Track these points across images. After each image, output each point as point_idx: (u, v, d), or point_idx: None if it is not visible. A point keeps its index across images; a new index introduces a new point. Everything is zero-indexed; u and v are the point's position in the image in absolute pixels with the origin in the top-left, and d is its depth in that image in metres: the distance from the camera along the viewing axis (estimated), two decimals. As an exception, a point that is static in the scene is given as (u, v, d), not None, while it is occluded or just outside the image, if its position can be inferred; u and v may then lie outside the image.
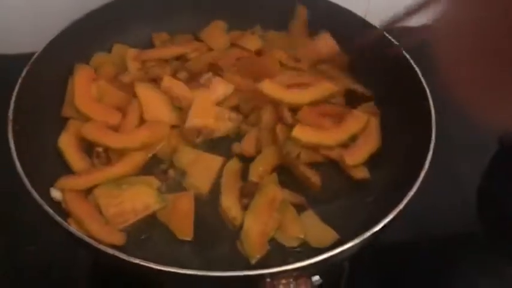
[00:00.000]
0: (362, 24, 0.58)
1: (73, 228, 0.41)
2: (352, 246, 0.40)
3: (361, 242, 0.40)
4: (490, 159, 0.60)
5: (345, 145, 0.52)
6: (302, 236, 0.46)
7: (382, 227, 0.41)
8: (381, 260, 0.51)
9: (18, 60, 0.52)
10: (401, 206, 0.42)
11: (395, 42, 0.55)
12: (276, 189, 0.48)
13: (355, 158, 0.51)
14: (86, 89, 0.53)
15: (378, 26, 0.56)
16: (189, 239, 0.45)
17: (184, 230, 0.46)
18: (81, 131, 0.50)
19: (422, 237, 0.53)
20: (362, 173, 0.51)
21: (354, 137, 0.53)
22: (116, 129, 0.51)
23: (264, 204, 0.47)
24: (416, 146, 0.49)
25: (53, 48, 0.53)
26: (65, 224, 0.41)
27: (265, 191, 0.47)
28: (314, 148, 0.51)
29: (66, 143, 0.50)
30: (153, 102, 0.52)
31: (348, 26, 0.58)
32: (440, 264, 0.52)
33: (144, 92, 0.53)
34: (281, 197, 0.47)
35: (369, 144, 0.53)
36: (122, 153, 0.49)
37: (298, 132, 0.50)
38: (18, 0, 0.62)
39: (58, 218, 0.41)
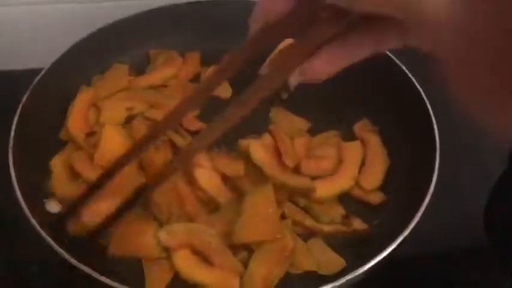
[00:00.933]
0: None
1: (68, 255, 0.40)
2: (361, 274, 0.39)
3: (369, 268, 0.40)
4: (499, 175, 0.59)
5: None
6: (315, 269, 0.45)
7: (391, 252, 0.41)
8: (385, 276, 0.50)
9: (25, 75, 0.52)
10: (410, 227, 0.42)
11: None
12: (288, 238, 0.45)
13: (372, 181, 0.50)
14: (82, 112, 0.53)
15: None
16: None
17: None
18: (68, 158, 0.49)
19: (428, 254, 0.52)
20: (378, 197, 0.50)
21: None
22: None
23: (273, 251, 0.44)
24: (420, 165, 0.48)
25: (58, 67, 0.53)
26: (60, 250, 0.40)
27: (273, 229, 0.45)
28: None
29: (58, 165, 0.49)
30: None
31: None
32: (447, 281, 0.51)
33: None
34: (293, 246, 0.45)
35: (379, 164, 0.51)
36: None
37: (320, 191, 0.48)
38: (24, 17, 0.63)
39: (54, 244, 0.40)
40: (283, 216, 0.47)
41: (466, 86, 0.26)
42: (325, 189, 0.48)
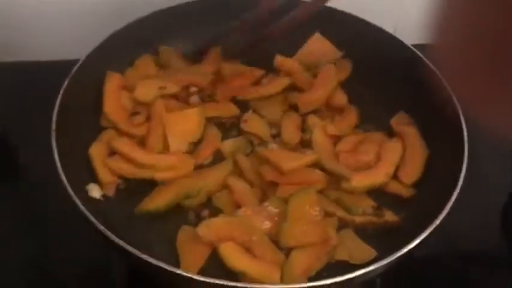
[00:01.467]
0: (391, 40, 0.58)
1: (110, 233, 0.41)
2: (389, 263, 0.40)
3: (397, 258, 0.41)
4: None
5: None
6: (346, 259, 0.46)
7: (419, 244, 0.41)
8: (409, 275, 0.51)
9: (62, 66, 0.53)
10: (437, 222, 0.43)
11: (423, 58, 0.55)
12: (333, 235, 0.46)
13: (412, 176, 0.51)
14: (115, 97, 0.54)
15: (407, 43, 0.57)
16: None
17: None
18: (112, 144, 0.51)
19: (450, 254, 0.53)
20: (410, 191, 0.51)
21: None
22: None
23: (316, 246, 0.45)
24: (449, 161, 0.49)
25: (95, 58, 0.54)
26: (101, 227, 0.41)
27: (320, 232, 0.46)
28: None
29: (97, 152, 0.51)
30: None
31: (377, 42, 0.58)
32: (467, 281, 0.52)
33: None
34: (335, 243, 0.45)
35: (418, 158, 0.52)
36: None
37: (355, 181, 0.49)
38: (61, 8, 0.64)
39: (94, 220, 0.41)
40: (327, 214, 0.48)
41: (465, 91, 0.28)
42: (358, 181, 0.50)
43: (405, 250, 0.41)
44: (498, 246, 0.55)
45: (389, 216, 0.49)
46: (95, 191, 0.48)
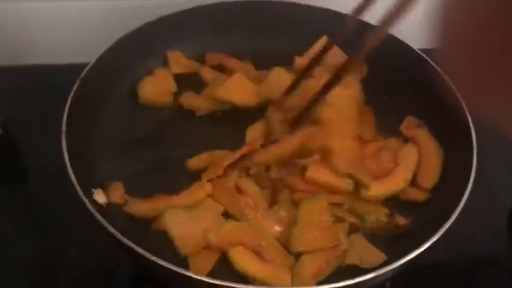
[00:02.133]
0: (398, 44, 0.58)
1: (117, 232, 0.41)
2: (398, 267, 0.40)
3: (406, 262, 0.41)
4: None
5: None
6: (357, 263, 0.46)
7: (428, 248, 0.41)
8: (418, 278, 0.51)
9: (71, 70, 0.53)
10: (447, 226, 0.43)
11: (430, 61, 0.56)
12: (343, 241, 0.46)
13: (431, 179, 0.51)
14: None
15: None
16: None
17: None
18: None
19: (458, 257, 0.53)
20: (426, 195, 0.50)
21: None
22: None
23: (326, 251, 0.45)
24: (457, 164, 0.49)
25: (104, 61, 0.54)
26: (110, 228, 0.41)
27: (331, 237, 0.46)
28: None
29: None
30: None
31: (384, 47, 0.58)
32: (476, 285, 0.52)
33: None
34: (345, 247, 0.46)
35: (434, 160, 0.52)
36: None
37: (374, 189, 0.49)
38: (71, 12, 0.64)
39: (103, 220, 0.41)
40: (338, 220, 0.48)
41: (472, 91, 0.28)
42: (377, 189, 0.49)
43: (415, 254, 0.41)
44: (506, 250, 0.55)
45: (401, 221, 0.49)
46: (99, 197, 0.48)
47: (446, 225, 0.43)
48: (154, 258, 0.39)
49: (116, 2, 0.64)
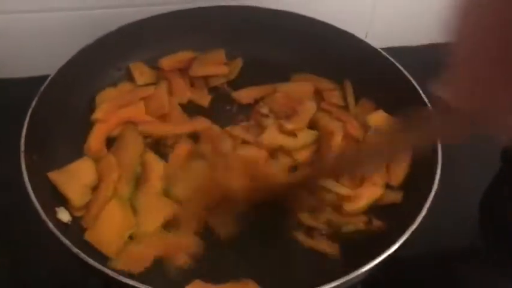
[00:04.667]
0: (362, 46, 0.59)
1: (80, 252, 0.40)
2: (369, 269, 0.41)
3: (376, 264, 0.41)
4: (493, 175, 0.60)
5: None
6: None
7: (399, 247, 0.42)
8: (392, 275, 0.50)
9: (32, 82, 0.52)
10: (415, 226, 0.43)
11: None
12: None
13: (398, 175, 0.51)
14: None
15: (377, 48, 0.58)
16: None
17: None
18: None
19: (428, 253, 0.54)
20: (396, 196, 0.51)
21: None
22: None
23: None
24: (422, 165, 0.49)
25: (65, 73, 0.53)
26: (74, 248, 0.41)
27: None
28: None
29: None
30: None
31: (347, 48, 0.59)
32: (447, 280, 0.52)
33: None
34: None
35: (401, 156, 0.52)
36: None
37: (351, 206, 0.49)
38: (29, 24, 0.63)
39: (67, 242, 0.41)
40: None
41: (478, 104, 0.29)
42: (357, 201, 0.49)
43: (384, 255, 0.41)
44: (479, 243, 0.55)
45: (376, 224, 0.49)
46: (63, 215, 0.47)
47: (414, 226, 0.43)
48: (121, 278, 0.39)
49: (75, 12, 0.62)
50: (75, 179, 0.49)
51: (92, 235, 0.46)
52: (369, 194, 0.50)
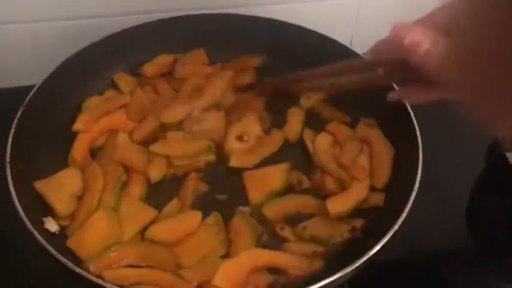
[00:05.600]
0: (345, 52, 0.59)
1: (67, 261, 0.41)
2: (350, 271, 0.41)
3: (358, 266, 0.41)
4: (477, 177, 0.61)
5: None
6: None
7: (379, 250, 0.42)
8: (377, 278, 0.51)
9: (18, 93, 0.52)
10: (395, 228, 0.44)
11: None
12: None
13: (382, 177, 0.52)
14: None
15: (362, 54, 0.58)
16: None
17: None
18: None
19: (415, 255, 0.54)
20: (379, 199, 0.51)
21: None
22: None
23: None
24: (404, 167, 0.50)
25: (51, 83, 0.53)
26: (60, 256, 0.41)
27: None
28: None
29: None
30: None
31: (331, 55, 0.59)
32: (434, 280, 0.52)
33: None
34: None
35: (385, 158, 0.53)
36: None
37: (332, 206, 0.49)
38: (15, 34, 0.63)
39: (53, 251, 0.41)
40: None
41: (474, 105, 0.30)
42: (341, 204, 0.49)
43: (365, 258, 0.42)
44: (465, 242, 0.56)
45: (358, 223, 0.49)
46: (51, 225, 0.47)
47: (395, 227, 0.44)
48: (108, 285, 0.39)
49: (63, 22, 0.63)
50: (61, 188, 0.49)
51: (74, 242, 0.46)
52: (355, 195, 0.50)
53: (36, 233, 0.42)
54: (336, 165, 0.53)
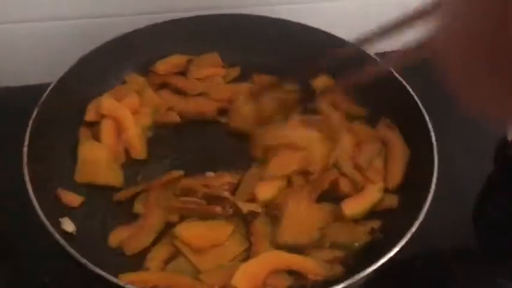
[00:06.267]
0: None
1: (87, 261, 0.41)
2: (367, 274, 0.41)
3: (374, 271, 0.42)
4: (486, 177, 0.62)
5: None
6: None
7: (397, 252, 0.43)
8: (391, 277, 0.51)
9: (33, 91, 0.52)
10: (412, 231, 0.44)
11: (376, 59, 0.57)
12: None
13: (396, 178, 0.52)
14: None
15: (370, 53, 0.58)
16: None
17: None
18: None
19: (424, 254, 0.54)
20: (393, 200, 0.51)
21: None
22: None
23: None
24: (419, 169, 0.50)
25: (66, 81, 0.53)
26: (77, 255, 0.41)
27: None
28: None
29: None
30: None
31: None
32: (442, 279, 0.53)
33: None
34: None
35: (399, 158, 0.52)
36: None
37: (348, 209, 0.49)
38: (27, 33, 0.63)
39: (71, 250, 0.41)
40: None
41: (467, 87, 0.29)
42: (355, 206, 0.49)
43: (383, 261, 0.42)
44: (474, 243, 0.56)
45: (376, 225, 0.49)
46: (68, 225, 0.47)
47: (412, 229, 0.44)
48: (129, 286, 0.39)
49: (73, 21, 0.62)
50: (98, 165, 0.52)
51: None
52: (370, 197, 0.50)
53: (57, 235, 0.42)
54: (352, 166, 0.53)
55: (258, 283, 0.43)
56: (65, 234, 0.46)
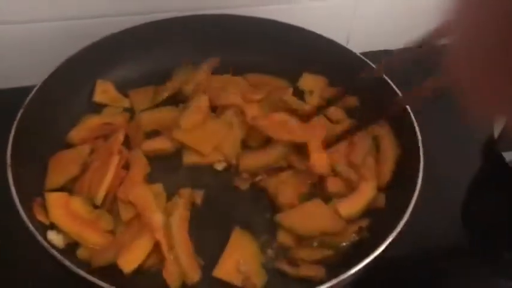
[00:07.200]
0: (344, 51, 0.60)
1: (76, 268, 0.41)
2: (351, 275, 0.41)
3: (358, 271, 0.42)
4: (473, 174, 0.62)
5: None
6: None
7: (383, 251, 0.43)
8: (379, 276, 0.51)
9: (17, 94, 0.51)
10: (398, 230, 0.44)
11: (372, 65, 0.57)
12: None
13: (385, 176, 0.51)
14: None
15: (358, 53, 0.59)
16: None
17: None
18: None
19: (412, 254, 0.54)
20: (381, 200, 0.50)
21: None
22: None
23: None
24: (405, 168, 0.51)
25: (51, 84, 0.53)
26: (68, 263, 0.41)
27: None
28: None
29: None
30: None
31: (329, 55, 0.60)
32: (431, 278, 0.53)
33: None
34: None
35: (389, 156, 0.52)
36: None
37: (343, 209, 0.48)
38: (13, 35, 0.62)
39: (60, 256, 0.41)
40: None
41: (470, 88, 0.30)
42: (351, 206, 0.49)
43: (368, 260, 0.42)
44: (463, 241, 0.56)
45: (364, 224, 0.49)
46: (57, 240, 0.46)
47: (398, 229, 0.44)
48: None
49: (61, 22, 0.62)
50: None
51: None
52: (364, 195, 0.50)
53: (45, 243, 0.42)
54: (346, 164, 0.52)
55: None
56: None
